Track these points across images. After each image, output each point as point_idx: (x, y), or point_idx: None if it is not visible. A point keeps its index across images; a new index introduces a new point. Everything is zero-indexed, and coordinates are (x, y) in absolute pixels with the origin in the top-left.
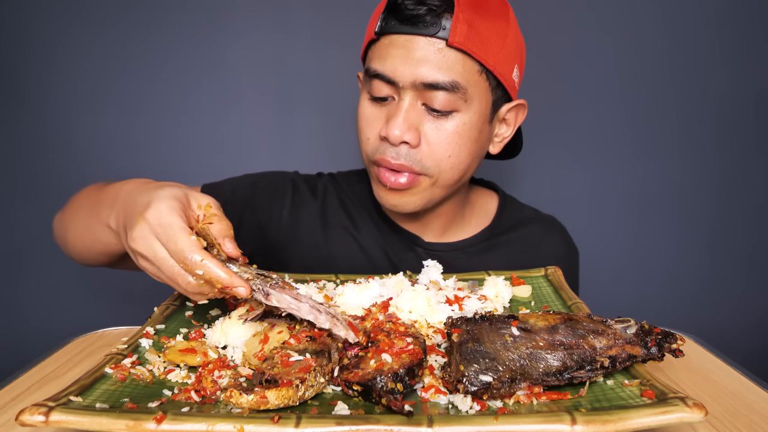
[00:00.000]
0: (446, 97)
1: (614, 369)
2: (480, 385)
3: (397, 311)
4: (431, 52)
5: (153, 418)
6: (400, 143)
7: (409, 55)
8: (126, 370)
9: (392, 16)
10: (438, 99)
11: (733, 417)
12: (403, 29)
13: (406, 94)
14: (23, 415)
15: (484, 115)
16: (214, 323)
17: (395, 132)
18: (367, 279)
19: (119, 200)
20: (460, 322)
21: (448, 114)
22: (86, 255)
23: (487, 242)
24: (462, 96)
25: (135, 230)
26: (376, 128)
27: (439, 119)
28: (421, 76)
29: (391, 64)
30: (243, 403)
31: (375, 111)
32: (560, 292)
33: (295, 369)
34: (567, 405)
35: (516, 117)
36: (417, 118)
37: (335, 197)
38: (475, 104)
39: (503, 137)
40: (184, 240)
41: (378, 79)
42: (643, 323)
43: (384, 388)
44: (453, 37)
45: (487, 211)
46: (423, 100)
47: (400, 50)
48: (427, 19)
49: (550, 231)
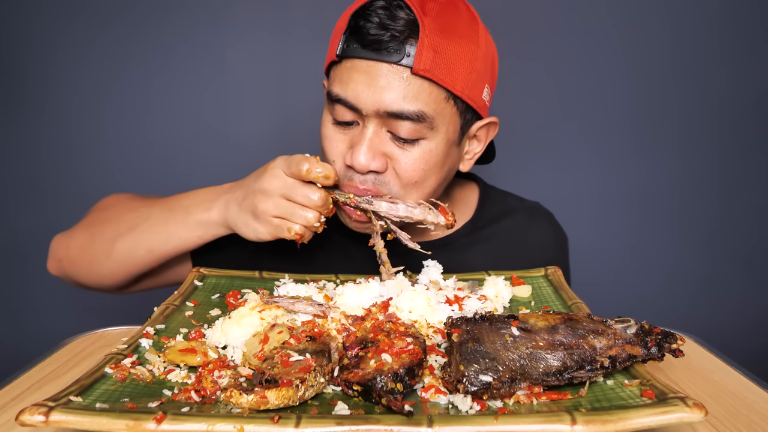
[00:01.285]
0: (412, 126)
1: (614, 369)
2: (480, 385)
3: (397, 311)
4: (395, 80)
5: (153, 418)
6: (367, 171)
7: (372, 82)
8: (126, 370)
9: (354, 38)
10: (403, 128)
11: (733, 417)
12: (365, 54)
13: (370, 122)
14: (23, 415)
15: (452, 139)
16: (214, 323)
17: (361, 161)
18: (367, 279)
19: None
20: (460, 322)
21: (414, 142)
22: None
23: (469, 237)
24: (428, 125)
25: (265, 175)
26: (340, 152)
27: (404, 146)
28: (385, 105)
29: (353, 90)
30: (243, 403)
31: (338, 134)
32: (560, 292)
33: (295, 369)
34: (567, 405)
35: (487, 133)
36: (382, 145)
37: None
38: (443, 130)
39: (474, 153)
40: (300, 156)
41: (340, 104)
42: (643, 323)
43: (384, 388)
44: (418, 65)
45: (468, 205)
46: (388, 127)
47: (363, 76)
48: (390, 45)
49: (535, 219)
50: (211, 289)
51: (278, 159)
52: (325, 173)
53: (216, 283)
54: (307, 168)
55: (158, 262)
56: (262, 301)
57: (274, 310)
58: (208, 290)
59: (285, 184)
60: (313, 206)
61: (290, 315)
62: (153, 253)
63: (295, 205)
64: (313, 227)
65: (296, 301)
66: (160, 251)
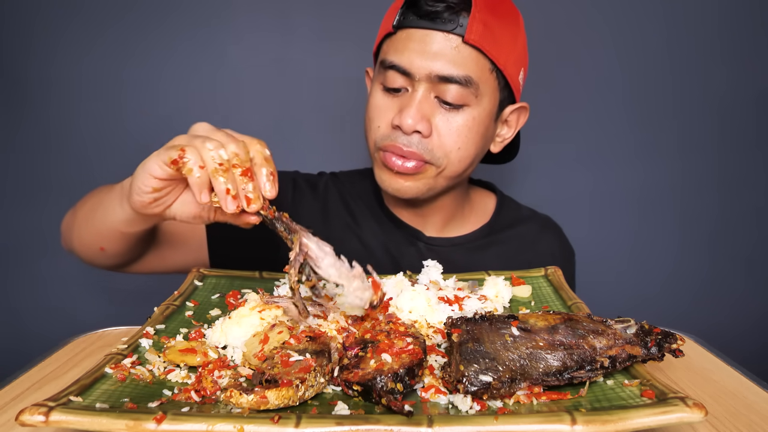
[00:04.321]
0: (459, 91)
1: (614, 369)
2: (480, 385)
3: (397, 311)
4: (447, 47)
5: (153, 418)
6: (413, 132)
7: (425, 48)
8: (126, 370)
9: (411, 11)
10: (451, 92)
11: (733, 417)
12: (421, 24)
13: (421, 86)
14: (23, 415)
15: (492, 112)
16: (214, 323)
17: (408, 121)
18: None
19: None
20: (460, 322)
21: (459, 108)
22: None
23: (485, 239)
24: (474, 91)
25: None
26: (387, 117)
27: (450, 112)
28: (436, 69)
29: (407, 57)
30: (243, 403)
31: (387, 101)
32: (560, 292)
33: (295, 369)
34: (567, 405)
35: (518, 119)
36: (429, 110)
37: (336, 194)
38: (485, 101)
39: (504, 138)
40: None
41: (393, 70)
42: (643, 323)
43: (384, 388)
44: (469, 35)
45: (486, 210)
46: (436, 92)
47: (417, 44)
48: (444, 15)
49: (546, 230)
50: (211, 289)
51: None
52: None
53: (216, 283)
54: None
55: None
56: (262, 301)
57: (274, 310)
58: (208, 290)
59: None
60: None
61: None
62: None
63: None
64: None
65: None
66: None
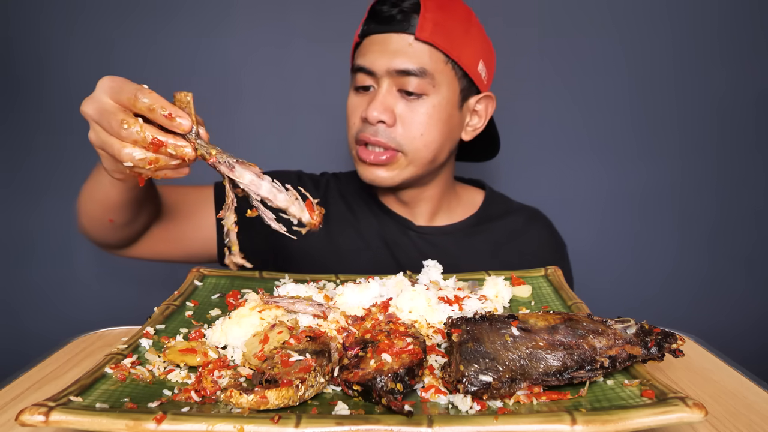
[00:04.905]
0: (417, 81)
1: (614, 369)
2: (480, 385)
3: (397, 311)
4: (403, 45)
5: (153, 418)
6: (378, 122)
7: (384, 49)
8: (126, 370)
9: (371, 20)
10: (410, 83)
11: (733, 417)
12: (380, 29)
13: (383, 82)
14: (23, 415)
15: (453, 100)
16: (214, 323)
17: (373, 113)
18: (367, 279)
19: None
20: (460, 322)
21: (419, 96)
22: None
23: (474, 227)
24: (430, 81)
25: (86, 99)
26: (359, 114)
27: (411, 102)
28: (394, 65)
29: (370, 58)
30: (243, 403)
31: (358, 100)
32: (560, 292)
33: (295, 369)
34: (567, 405)
35: (486, 109)
36: (393, 102)
37: (336, 190)
38: (443, 90)
39: (475, 127)
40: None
41: (360, 72)
42: (643, 323)
43: (384, 388)
44: (420, 33)
45: (473, 203)
46: (398, 86)
47: (378, 46)
48: (398, 18)
49: (534, 220)
50: (211, 289)
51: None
52: (150, 103)
53: (216, 283)
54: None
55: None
56: (262, 301)
57: (274, 310)
58: (208, 290)
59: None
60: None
61: (291, 315)
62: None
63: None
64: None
65: (296, 301)
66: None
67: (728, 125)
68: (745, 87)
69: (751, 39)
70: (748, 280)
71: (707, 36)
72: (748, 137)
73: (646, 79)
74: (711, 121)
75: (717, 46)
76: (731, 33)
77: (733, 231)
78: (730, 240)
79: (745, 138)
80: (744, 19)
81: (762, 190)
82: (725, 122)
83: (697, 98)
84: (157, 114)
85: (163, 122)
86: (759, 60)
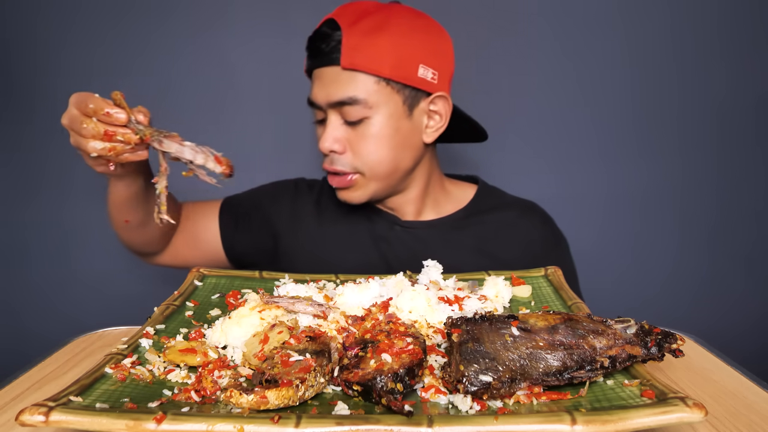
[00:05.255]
0: (353, 109)
1: (614, 369)
2: (480, 385)
3: (397, 311)
4: (332, 76)
5: (153, 418)
6: (330, 152)
7: (321, 82)
8: (126, 370)
9: (309, 56)
10: (348, 112)
11: (733, 417)
12: (315, 63)
13: (330, 113)
14: (23, 415)
15: (397, 113)
16: (214, 323)
17: (324, 145)
18: (367, 279)
19: None
20: (460, 322)
21: (359, 122)
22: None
23: (462, 221)
24: (365, 106)
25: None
26: None
27: (355, 128)
28: (328, 97)
29: (313, 93)
30: (243, 403)
31: (319, 131)
32: (560, 292)
33: (295, 369)
34: (567, 405)
35: (445, 108)
36: (339, 131)
37: (329, 194)
38: (382, 108)
39: (436, 127)
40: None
41: (312, 107)
42: (643, 323)
43: (384, 388)
44: (343, 61)
45: (464, 198)
46: (341, 116)
47: (317, 80)
48: (324, 51)
49: (526, 214)
50: (211, 289)
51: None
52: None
53: (216, 283)
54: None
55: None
56: (262, 301)
57: (274, 310)
58: (208, 290)
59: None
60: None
61: (291, 315)
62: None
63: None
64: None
65: (296, 301)
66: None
67: (728, 124)
68: (745, 86)
69: (752, 37)
70: (748, 279)
71: (707, 34)
72: (749, 136)
73: (646, 77)
74: (711, 120)
75: (717, 45)
76: (732, 31)
77: (733, 230)
78: (730, 239)
79: (745, 137)
80: (744, 17)
81: (762, 189)
82: (725, 121)
83: (698, 97)
84: (99, 114)
85: (104, 119)
86: (759, 58)
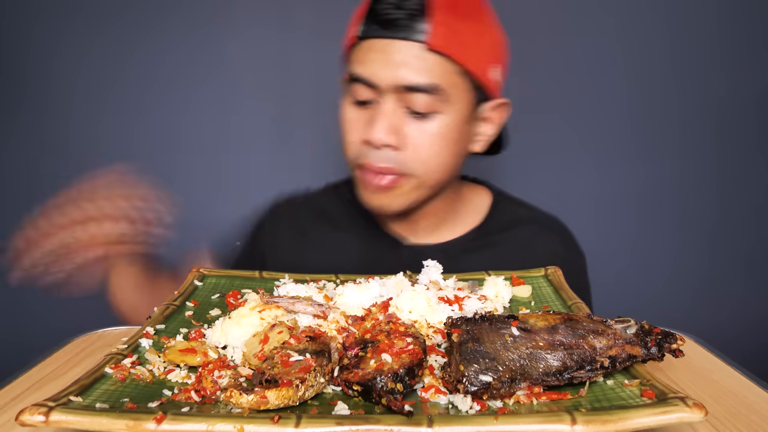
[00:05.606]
0: (427, 99)
1: (614, 369)
2: (480, 385)
3: (397, 311)
4: (410, 55)
5: (153, 418)
6: (384, 146)
7: (388, 58)
8: (126, 370)
9: (371, 20)
10: (419, 101)
11: (733, 417)
12: (382, 33)
13: (388, 98)
14: (23, 415)
15: (465, 115)
16: (214, 323)
17: (378, 135)
18: (367, 279)
19: None
20: (460, 322)
21: (429, 116)
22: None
23: (474, 242)
24: (442, 98)
25: None
26: (358, 132)
27: (421, 121)
28: (400, 79)
29: (371, 68)
30: (243, 403)
31: (357, 114)
32: (560, 292)
33: (295, 369)
34: (567, 405)
35: (499, 115)
36: (399, 121)
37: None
38: (456, 105)
39: (487, 135)
40: None
41: (359, 83)
42: (643, 323)
43: (384, 388)
44: (432, 41)
45: (479, 210)
46: (404, 102)
47: (380, 54)
48: (405, 23)
49: (546, 232)
50: (211, 289)
51: None
52: None
53: (216, 283)
54: None
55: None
56: (262, 301)
57: (274, 310)
58: (208, 290)
59: None
60: None
61: (291, 315)
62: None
63: None
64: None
65: (296, 301)
66: None
67: (728, 124)
68: (745, 86)
69: (751, 37)
70: (748, 279)
71: (707, 34)
72: (749, 136)
73: (646, 77)
74: (711, 121)
75: (717, 45)
76: (731, 31)
77: (733, 230)
78: (730, 240)
79: (745, 137)
80: (744, 17)
81: (762, 189)
82: (725, 121)
83: (697, 97)
84: None
85: None
86: (759, 58)
